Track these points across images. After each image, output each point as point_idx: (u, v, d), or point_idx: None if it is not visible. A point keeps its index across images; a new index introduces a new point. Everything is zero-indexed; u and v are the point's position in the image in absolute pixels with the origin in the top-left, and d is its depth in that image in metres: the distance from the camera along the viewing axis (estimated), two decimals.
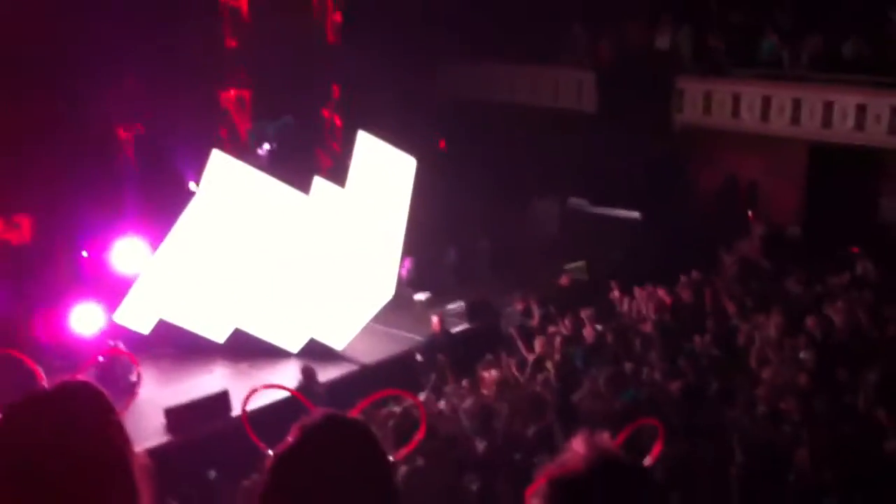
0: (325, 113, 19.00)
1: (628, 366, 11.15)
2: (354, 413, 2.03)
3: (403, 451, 2.03)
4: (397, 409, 9.63)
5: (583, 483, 1.90)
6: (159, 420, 11.01)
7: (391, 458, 1.92)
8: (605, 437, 2.03)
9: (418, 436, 2.31)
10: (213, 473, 9.90)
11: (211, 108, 17.21)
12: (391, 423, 9.14)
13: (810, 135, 16.14)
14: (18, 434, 1.84)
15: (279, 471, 1.84)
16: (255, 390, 2.20)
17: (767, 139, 16.77)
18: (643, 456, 2.07)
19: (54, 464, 1.81)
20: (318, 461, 1.82)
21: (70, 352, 11.93)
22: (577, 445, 1.98)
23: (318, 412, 1.91)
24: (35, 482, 1.79)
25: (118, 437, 1.93)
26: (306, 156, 17.53)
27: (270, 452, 1.86)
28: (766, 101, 16.55)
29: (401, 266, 14.90)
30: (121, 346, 12.51)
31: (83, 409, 1.91)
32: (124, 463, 1.91)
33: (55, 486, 1.80)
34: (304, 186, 13.37)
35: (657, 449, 2.08)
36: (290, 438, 1.85)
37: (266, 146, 17.16)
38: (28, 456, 1.81)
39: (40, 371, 2.04)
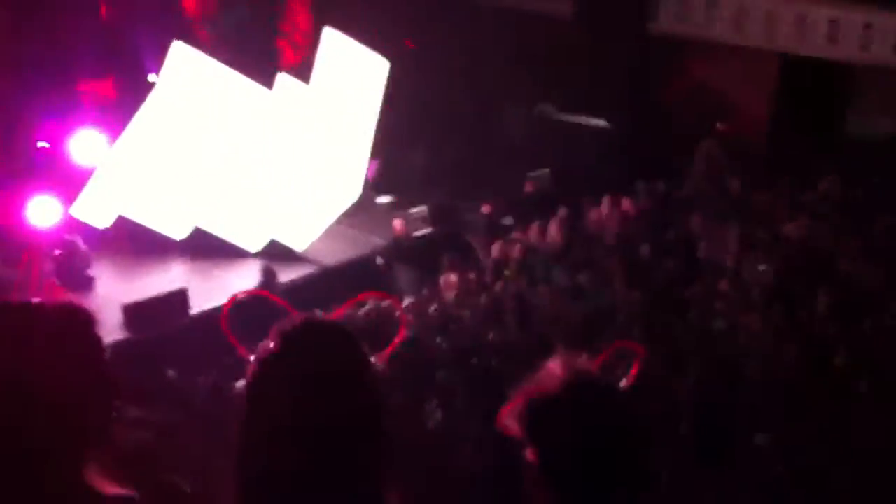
0: (292, 7, 18.50)
1: (589, 274, 11.25)
2: (335, 316, 2.03)
3: (385, 353, 2.04)
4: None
5: (560, 405, 1.90)
6: (116, 316, 10.92)
7: (373, 360, 1.91)
8: (582, 359, 2.03)
9: (398, 338, 2.34)
10: (171, 372, 9.87)
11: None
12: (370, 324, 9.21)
13: (782, 47, 16.07)
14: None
15: (261, 376, 1.82)
16: (233, 299, 2.19)
17: (739, 50, 16.67)
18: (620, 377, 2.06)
19: (37, 374, 1.81)
20: (300, 365, 1.80)
21: (26, 243, 11.77)
22: (555, 367, 1.98)
23: (296, 316, 1.90)
24: (17, 391, 1.80)
25: (100, 356, 1.97)
26: (268, 49, 17.11)
27: (252, 358, 1.84)
28: (741, 12, 16.39)
29: (366, 168, 14.77)
30: (78, 240, 12.35)
31: (68, 326, 1.91)
32: (104, 381, 1.94)
33: (35, 394, 1.81)
34: (266, 80, 13.11)
35: (634, 371, 2.07)
36: (269, 343, 1.83)
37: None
38: (11, 365, 1.82)
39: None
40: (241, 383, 8.60)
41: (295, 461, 1.77)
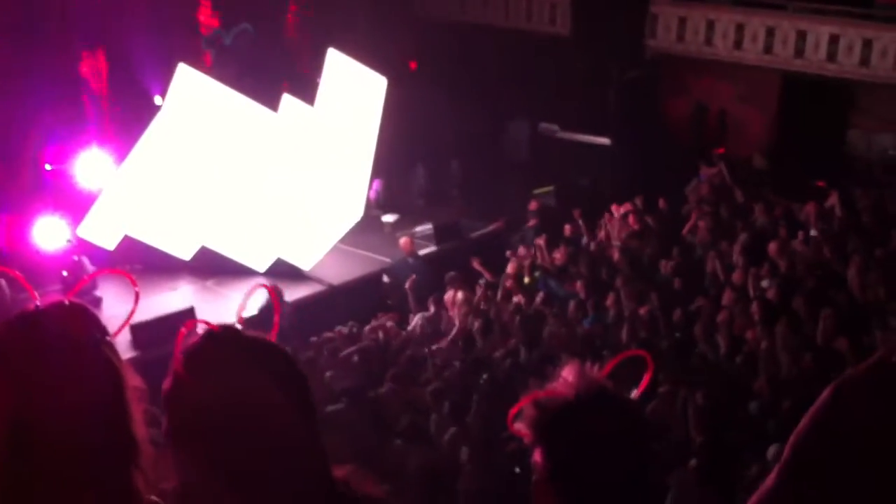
0: (295, 29, 18.62)
1: (594, 291, 11.27)
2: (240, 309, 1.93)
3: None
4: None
5: (570, 409, 1.91)
6: (125, 336, 10.95)
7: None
8: (594, 368, 2.04)
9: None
10: None
11: (176, 19, 16.79)
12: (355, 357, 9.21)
13: (783, 64, 16.09)
14: (10, 351, 1.82)
15: (172, 409, 1.76)
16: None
17: (740, 67, 16.71)
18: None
19: (46, 382, 1.80)
20: (205, 389, 1.74)
21: (34, 265, 11.84)
22: (567, 374, 1.99)
23: (199, 331, 1.83)
24: (28, 402, 1.78)
25: (110, 358, 1.92)
26: (272, 71, 17.20)
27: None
28: (740, 29, 16.45)
29: (369, 187, 14.83)
30: (86, 261, 12.41)
31: (76, 328, 1.89)
32: (118, 384, 1.90)
33: (46, 403, 1.79)
34: (270, 101, 13.20)
35: (645, 381, 2.09)
36: (174, 368, 1.77)
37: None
38: (19, 374, 1.80)
39: (32, 289, 2.01)
40: None
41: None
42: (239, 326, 1.84)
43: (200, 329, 1.85)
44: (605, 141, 17.20)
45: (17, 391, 1.77)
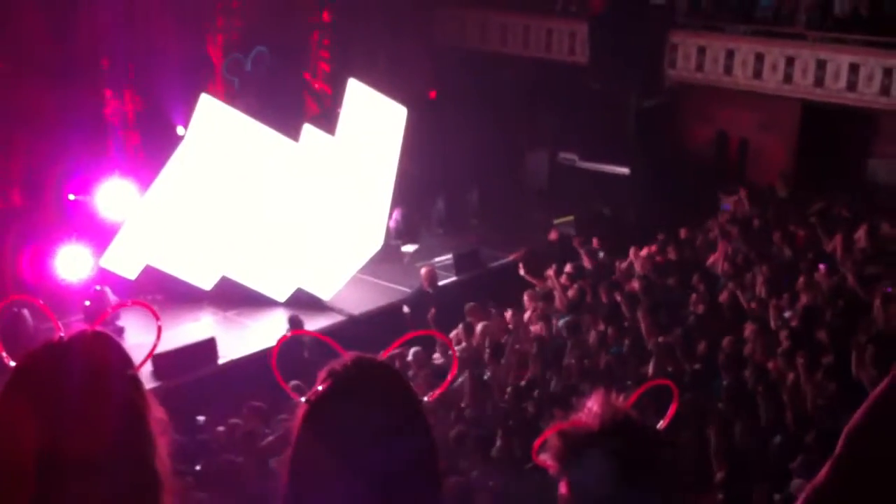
0: (316, 59, 18.78)
1: (615, 322, 11.21)
2: (384, 356, 1.98)
3: (437, 392, 1.97)
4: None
5: (595, 440, 1.90)
6: (146, 366, 10.95)
7: (424, 399, 1.87)
8: (619, 398, 2.02)
9: (450, 376, 2.25)
10: (201, 418, 9.93)
11: (200, 50, 16.99)
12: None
13: (802, 93, 16.07)
14: (36, 382, 1.81)
15: (313, 417, 1.78)
16: (284, 339, 2.13)
17: (760, 96, 16.70)
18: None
19: (72, 413, 1.78)
20: (351, 405, 1.76)
21: (57, 295, 11.89)
22: (593, 404, 1.98)
23: (346, 356, 1.85)
24: (51, 431, 1.76)
25: (135, 390, 1.91)
26: (292, 99, 17.34)
27: (303, 400, 1.81)
28: (760, 58, 16.45)
29: (389, 217, 14.87)
30: (108, 291, 12.47)
31: (102, 359, 1.88)
32: (142, 416, 1.89)
33: (72, 435, 1.77)
34: (291, 130, 13.28)
35: (671, 412, 2.07)
36: (319, 385, 1.80)
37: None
38: (45, 404, 1.78)
39: (56, 319, 2.01)
40: (271, 436, 8.69)
41: None
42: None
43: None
44: (624, 170, 17.18)
45: (44, 425, 1.76)
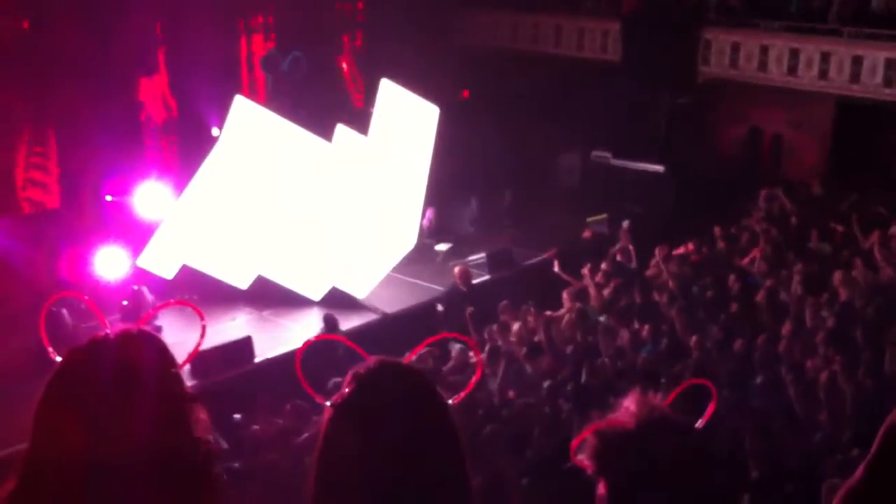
0: (348, 60, 18.87)
1: (650, 321, 11.16)
2: (409, 358, 1.99)
3: (462, 394, 1.95)
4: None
5: (633, 440, 1.89)
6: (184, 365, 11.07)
7: (450, 402, 1.87)
8: (656, 397, 2.01)
9: (475, 379, 2.24)
10: (237, 417, 10.02)
11: (234, 51, 17.15)
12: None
13: (838, 89, 15.89)
14: (82, 380, 1.82)
15: (338, 421, 1.80)
16: (308, 343, 2.15)
17: (794, 93, 16.54)
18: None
19: (116, 411, 1.79)
20: (376, 409, 1.78)
21: (95, 295, 12.03)
22: (630, 403, 1.97)
23: (370, 360, 1.86)
24: (96, 429, 1.78)
25: (178, 389, 1.92)
26: (325, 100, 17.43)
27: (328, 404, 1.82)
28: (795, 55, 16.28)
29: (422, 216, 14.90)
30: (145, 290, 12.61)
31: (146, 357, 1.89)
32: (185, 415, 1.89)
33: (116, 433, 1.78)
34: (324, 129, 13.36)
35: (710, 411, 2.06)
36: (345, 388, 1.81)
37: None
38: (90, 401, 1.79)
39: (103, 316, 2.02)
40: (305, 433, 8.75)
41: None
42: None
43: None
44: (658, 168, 17.09)
45: (89, 423, 1.78)
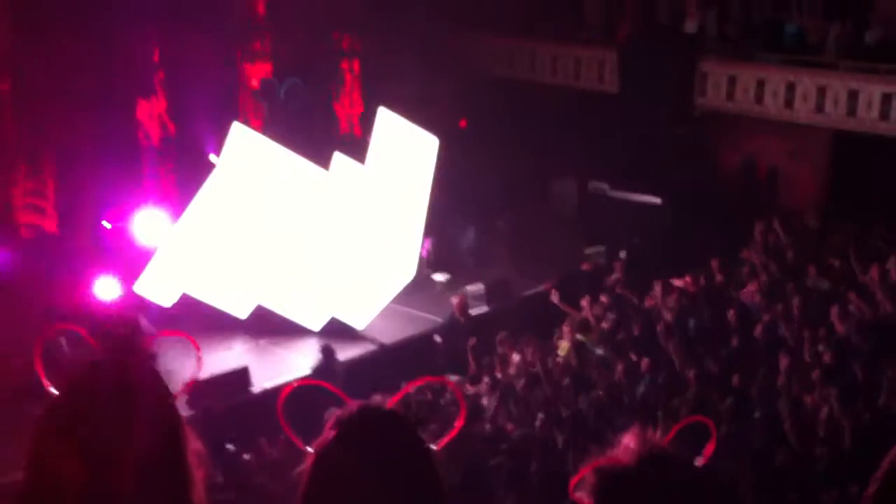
0: (346, 87, 18.93)
1: (648, 354, 11.13)
2: (392, 403, 1.99)
3: (445, 440, 1.95)
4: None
5: (633, 478, 1.87)
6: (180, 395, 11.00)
7: (433, 447, 1.88)
8: (656, 434, 2.00)
9: (459, 423, 2.24)
10: (231, 447, 9.97)
11: (232, 78, 17.21)
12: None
13: (834, 123, 15.95)
14: (75, 412, 1.83)
15: (320, 467, 1.82)
16: (291, 388, 2.14)
17: (790, 125, 16.61)
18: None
19: (111, 442, 1.80)
20: (357, 455, 1.80)
21: (93, 322, 11.99)
22: (629, 440, 1.96)
23: (352, 405, 1.88)
24: (90, 461, 1.78)
25: (173, 418, 1.92)
26: (322, 126, 17.48)
27: (310, 449, 1.84)
28: (791, 88, 16.36)
29: (421, 246, 14.89)
30: (142, 318, 12.58)
31: (141, 387, 1.89)
32: (180, 446, 1.91)
33: (110, 465, 1.79)
34: (321, 155, 13.39)
35: (710, 448, 2.05)
36: (327, 434, 1.83)
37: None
38: (85, 434, 1.80)
39: (100, 347, 2.02)
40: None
41: None
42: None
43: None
44: (655, 200, 17.12)
45: (84, 455, 1.78)
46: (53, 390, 1.87)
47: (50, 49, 14.19)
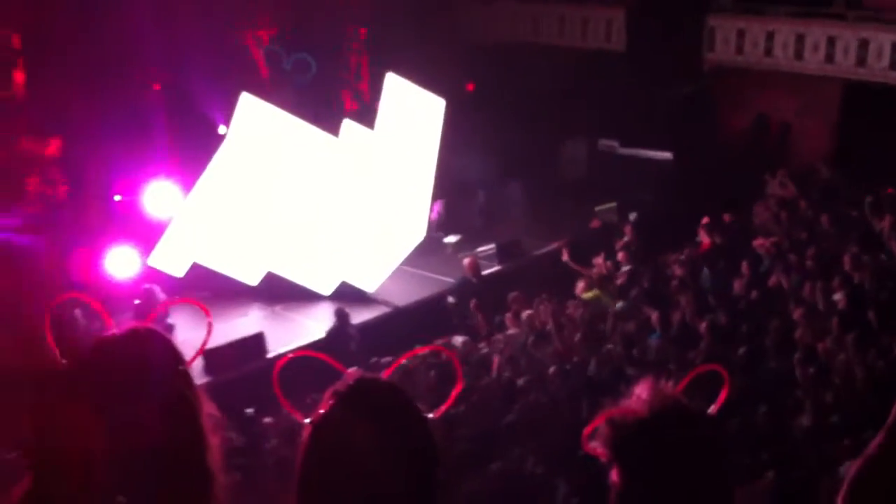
0: (352, 56, 18.84)
1: (658, 306, 11.15)
2: (388, 372, 1.98)
3: (442, 408, 1.97)
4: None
5: (646, 427, 1.89)
6: (197, 362, 11.08)
7: (430, 416, 1.89)
8: (668, 384, 2.02)
9: (455, 390, 2.18)
10: (250, 411, 10.08)
11: (239, 48, 17.16)
12: (432, 373, 9.24)
13: (845, 73, 15.81)
14: (90, 381, 1.87)
15: (316, 440, 1.83)
16: (287, 359, 2.15)
17: (800, 77, 16.47)
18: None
19: (125, 410, 1.84)
20: (353, 426, 1.81)
21: (106, 295, 12.07)
22: (641, 391, 1.97)
23: (348, 377, 1.88)
24: (106, 428, 1.82)
25: (186, 385, 1.97)
26: (331, 95, 17.45)
27: (307, 421, 1.85)
28: (800, 39, 16.21)
29: (430, 209, 14.91)
30: (156, 289, 12.65)
31: (154, 355, 1.94)
32: (193, 411, 1.95)
33: (125, 431, 1.83)
34: (330, 125, 13.35)
35: (722, 397, 2.06)
36: (323, 407, 1.84)
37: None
38: (100, 402, 1.84)
39: (109, 318, 2.03)
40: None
41: None
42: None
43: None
44: (666, 155, 17.04)
45: (99, 423, 1.82)
46: (63, 361, 1.90)
47: (48, 24, 14.18)
